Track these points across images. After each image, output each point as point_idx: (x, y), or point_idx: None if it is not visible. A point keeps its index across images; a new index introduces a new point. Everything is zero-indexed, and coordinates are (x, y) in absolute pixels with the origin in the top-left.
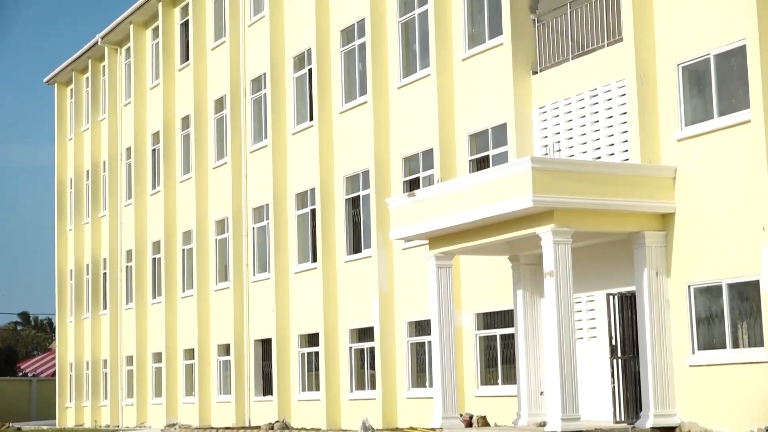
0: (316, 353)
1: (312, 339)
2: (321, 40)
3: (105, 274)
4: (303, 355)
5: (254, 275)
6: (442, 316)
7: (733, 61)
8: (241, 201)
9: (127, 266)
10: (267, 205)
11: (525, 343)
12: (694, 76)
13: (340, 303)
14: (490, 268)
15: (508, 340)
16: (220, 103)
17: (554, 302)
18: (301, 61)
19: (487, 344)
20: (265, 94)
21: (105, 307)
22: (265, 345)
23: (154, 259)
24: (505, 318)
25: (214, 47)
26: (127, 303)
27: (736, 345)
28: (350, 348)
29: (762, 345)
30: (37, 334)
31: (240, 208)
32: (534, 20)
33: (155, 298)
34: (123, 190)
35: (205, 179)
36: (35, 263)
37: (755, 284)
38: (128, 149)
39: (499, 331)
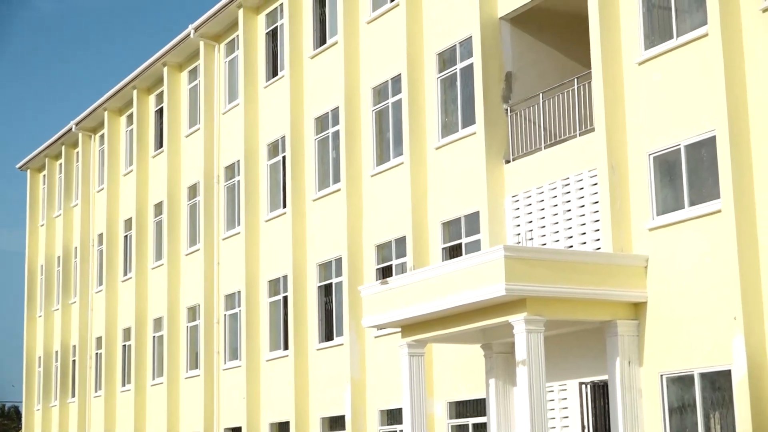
0: None
1: (283, 428)
2: (295, 127)
3: (74, 361)
4: None
5: (225, 363)
6: (414, 404)
7: (704, 152)
8: (213, 288)
9: (96, 353)
10: (239, 292)
11: None
12: (665, 165)
13: (311, 391)
14: (462, 356)
15: (481, 430)
16: (193, 190)
17: (526, 391)
18: (275, 148)
19: None
20: (238, 181)
21: (73, 395)
22: None
23: (125, 346)
24: (477, 407)
25: (188, 134)
26: (96, 391)
27: None
28: None
29: None
30: (3, 422)
31: (212, 295)
32: (507, 110)
33: (124, 385)
34: (94, 276)
35: (177, 266)
36: (3, 350)
37: (727, 374)
38: (100, 236)
39: (471, 420)
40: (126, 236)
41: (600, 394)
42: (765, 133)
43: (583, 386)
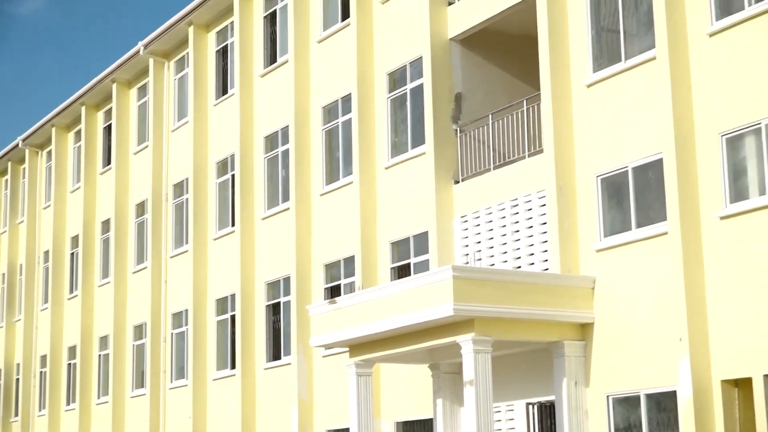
0: None
1: None
2: (245, 146)
3: (18, 379)
4: None
5: (171, 382)
6: (362, 424)
7: (651, 174)
8: (160, 306)
9: (41, 372)
10: (186, 310)
11: None
12: (613, 187)
13: (258, 410)
14: (410, 376)
15: None
16: (141, 208)
17: (474, 411)
18: (224, 166)
19: None
20: (187, 199)
21: (17, 414)
22: None
23: (70, 364)
24: (424, 427)
25: (137, 151)
26: (39, 410)
27: None
28: None
29: None
30: None
31: (159, 314)
32: (456, 130)
33: (69, 404)
34: (40, 294)
35: (124, 284)
36: None
37: (672, 395)
38: (46, 253)
39: None
40: (72, 253)
41: (547, 414)
42: (711, 156)
43: (530, 406)
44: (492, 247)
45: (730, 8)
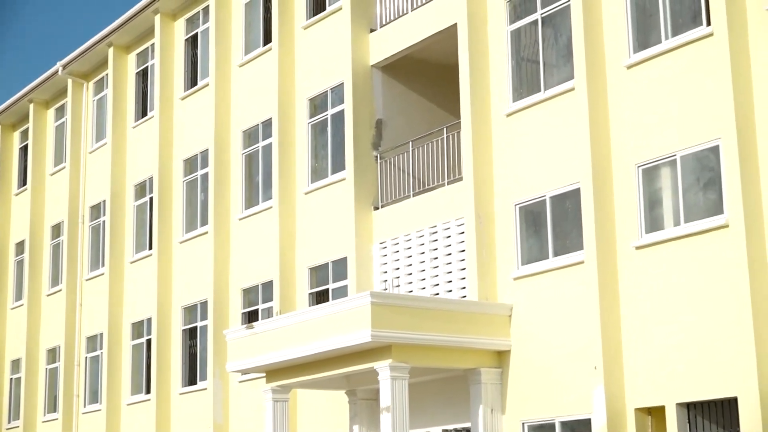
0: None
1: None
2: (163, 169)
3: None
4: None
5: (85, 406)
6: None
7: (568, 204)
8: (75, 329)
9: None
10: (101, 334)
11: None
12: (531, 216)
13: None
14: (327, 402)
15: None
16: (57, 229)
17: None
18: (142, 189)
19: None
20: (104, 222)
21: None
22: None
23: None
24: None
25: (54, 172)
26: None
27: None
28: None
29: None
30: None
31: (73, 337)
32: (376, 157)
33: None
34: None
35: (38, 306)
36: None
37: (587, 422)
38: None
39: None
40: None
41: None
42: (627, 186)
43: None
44: (410, 274)
45: (647, 41)
